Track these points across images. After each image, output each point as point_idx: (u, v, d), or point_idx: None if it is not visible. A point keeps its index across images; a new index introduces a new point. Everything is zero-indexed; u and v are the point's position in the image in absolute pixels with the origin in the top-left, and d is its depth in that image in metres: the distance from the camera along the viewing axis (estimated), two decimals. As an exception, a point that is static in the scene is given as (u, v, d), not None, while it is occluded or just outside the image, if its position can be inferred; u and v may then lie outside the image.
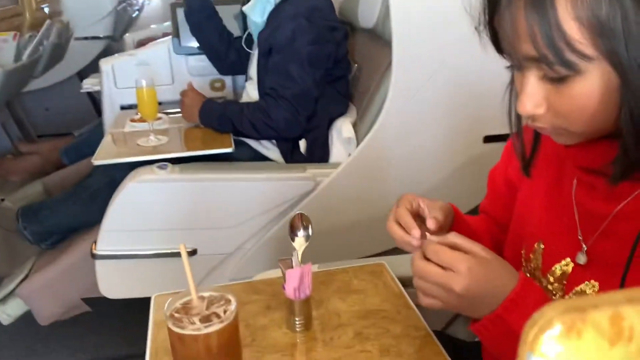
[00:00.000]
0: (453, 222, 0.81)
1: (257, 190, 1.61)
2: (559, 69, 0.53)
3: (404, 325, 0.86)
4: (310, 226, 0.86)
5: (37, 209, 1.81)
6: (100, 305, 1.74)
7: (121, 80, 2.01)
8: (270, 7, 1.74)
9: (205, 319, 0.68)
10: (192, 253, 1.62)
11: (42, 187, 2.18)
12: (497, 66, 0.64)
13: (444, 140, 1.63)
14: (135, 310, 1.58)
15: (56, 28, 2.52)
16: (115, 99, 2.03)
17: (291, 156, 1.72)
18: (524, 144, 0.70)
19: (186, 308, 0.71)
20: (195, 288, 0.72)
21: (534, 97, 0.57)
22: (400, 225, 0.75)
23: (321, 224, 1.68)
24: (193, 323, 0.67)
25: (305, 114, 1.65)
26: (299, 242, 0.86)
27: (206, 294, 0.73)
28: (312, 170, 1.64)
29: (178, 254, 1.68)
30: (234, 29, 2.02)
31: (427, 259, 0.64)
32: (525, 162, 0.71)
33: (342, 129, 1.71)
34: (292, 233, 0.86)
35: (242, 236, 1.64)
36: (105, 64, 2.02)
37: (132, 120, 1.81)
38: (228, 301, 0.71)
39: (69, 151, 2.29)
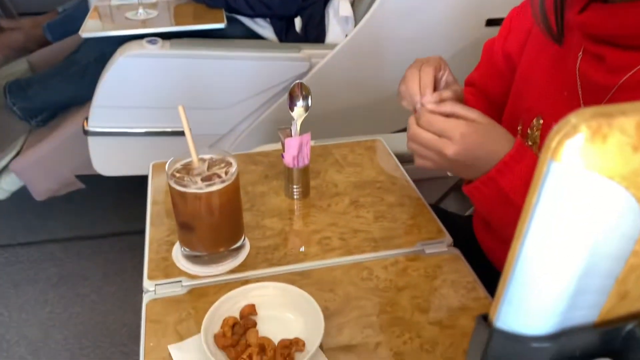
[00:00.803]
0: None
1: (250, 70, 1.57)
2: None
3: (399, 195, 0.88)
4: (310, 96, 0.85)
5: (25, 84, 1.76)
6: (95, 183, 1.76)
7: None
8: None
9: (207, 179, 0.69)
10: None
11: (27, 65, 2.11)
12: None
13: (445, 22, 1.58)
14: (130, 189, 1.61)
15: None
16: (100, -30, 1.91)
17: (286, 35, 1.66)
18: (547, 10, 0.67)
19: (187, 168, 0.72)
20: (195, 150, 0.72)
21: None
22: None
23: (316, 107, 1.67)
24: (195, 182, 0.68)
25: None
26: (298, 112, 0.85)
27: (207, 157, 0.74)
28: (307, 51, 1.59)
29: (171, 133, 1.68)
30: None
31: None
32: (550, 28, 0.68)
33: (340, 7, 1.64)
34: (292, 103, 0.85)
35: (236, 117, 1.63)
36: None
37: (120, -8, 1.72)
38: (229, 163, 0.72)
39: (53, 27, 2.19)
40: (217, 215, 0.70)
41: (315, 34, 1.66)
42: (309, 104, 0.85)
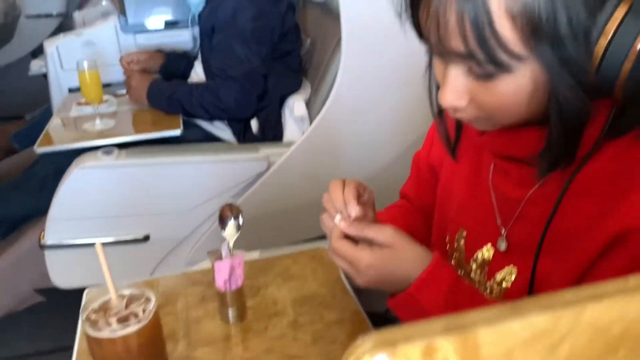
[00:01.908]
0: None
1: (209, 173, 1.58)
2: (487, 67, 0.51)
3: (339, 310, 0.85)
4: (240, 215, 0.84)
5: (-14, 197, 1.75)
6: (55, 295, 1.71)
7: (67, 61, 1.93)
8: (207, -15, 1.69)
9: (124, 319, 0.66)
10: (145, 239, 1.59)
11: (-8, 175, 2.11)
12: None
13: (397, 117, 1.61)
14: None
15: (0, 7, 2.41)
16: (63, 81, 1.96)
17: (244, 136, 1.69)
18: (448, 128, 0.69)
19: (105, 308, 0.69)
20: (114, 287, 0.70)
21: (457, 90, 0.55)
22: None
23: (276, 204, 1.67)
24: (109, 325, 0.65)
25: (256, 93, 1.61)
26: (229, 232, 0.84)
27: (127, 292, 0.71)
28: (265, 150, 1.61)
29: (130, 241, 1.66)
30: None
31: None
32: (451, 146, 0.70)
33: (295, 107, 1.68)
34: (222, 223, 0.84)
35: (196, 220, 1.62)
36: (49, 46, 1.94)
37: (79, 104, 1.75)
38: (148, 299, 0.69)
39: (20, 136, 2.21)
40: (136, 356, 0.66)
41: (272, 133, 1.69)
42: (240, 224, 0.84)
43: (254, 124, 1.67)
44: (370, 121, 1.61)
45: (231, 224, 0.84)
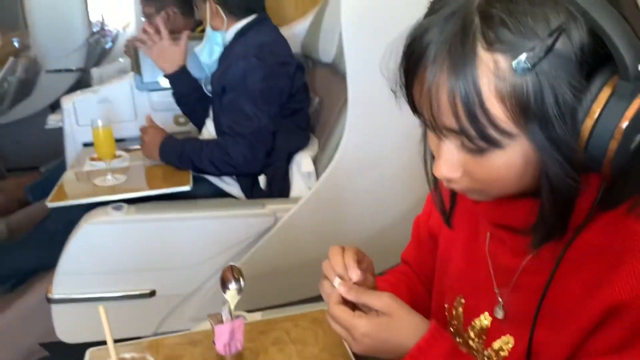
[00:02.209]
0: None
1: (216, 229, 1.60)
2: (479, 143, 0.52)
3: (339, 377, 0.84)
4: (242, 278, 0.85)
5: (-4, 251, 1.78)
6: (60, 349, 1.71)
7: (83, 117, 2.00)
8: (218, 48, 1.75)
9: (122, 385, 0.67)
10: (151, 294, 1.60)
11: (5, 227, 2.15)
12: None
13: (402, 175, 1.63)
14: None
15: (22, 64, 2.52)
16: (78, 136, 2.02)
17: (252, 191, 1.72)
18: (443, 197, 0.70)
19: (104, 373, 0.70)
20: (115, 351, 0.70)
21: (451, 163, 0.57)
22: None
23: (282, 261, 1.68)
24: (108, 391, 0.66)
25: (264, 150, 1.65)
26: (231, 295, 0.84)
27: (128, 356, 0.72)
28: (272, 206, 1.63)
29: (137, 296, 1.67)
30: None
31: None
32: (445, 215, 0.71)
33: (302, 163, 1.71)
34: (223, 286, 0.85)
35: (202, 275, 1.62)
36: (66, 102, 2.01)
37: (92, 159, 1.79)
38: (147, 365, 0.70)
39: (34, 189, 2.27)
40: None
41: (279, 188, 1.71)
42: (242, 286, 0.85)
43: (262, 179, 1.70)
44: (376, 179, 1.63)
45: (232, 287, 0.85)
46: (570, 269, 0.57)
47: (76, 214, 1.59)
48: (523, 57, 0.47)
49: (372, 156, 1.63)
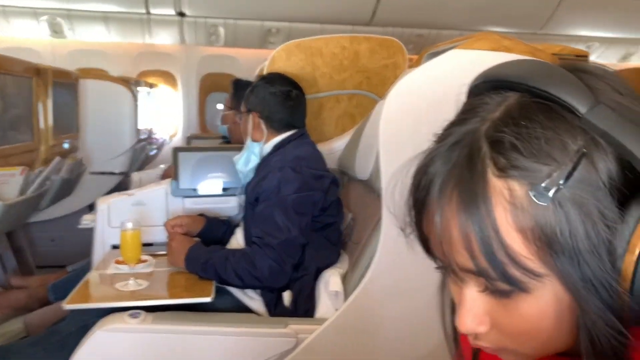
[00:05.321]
0: None
1: (234, 345, 1.50)
2: (502, 286, 0.44)
3: None
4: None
5: (6, 351, 1.70)
6: None
7: (115, 219, 1.99)
8: (255, 158, 1.77)
9: None
10: (159, 412, 1.47)
11: (23, 325, 2.09)
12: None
13: (434, 305, 1.52)
14: None
15: (67, 164, 2.60)
16: (108, 238, 2.01)
17: (275, 308, 1.63)
18: (464, 356, 0.61)
19: None
20: None
21: (475, 313, 0.47)
22: None
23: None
24: None
25: (292, 262, 1.59)
26: None
27: None
28: (294, 326, 1.53)
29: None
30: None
31: None
32: None
33: (330, 281, 1.63)
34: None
35: (214, 396, 1.50)
36: (101, 203, 2.02)
37: (117, 262, 1.76)
38: None
39: (57, 288, 2.23)
40: None
41: (305, 307, 1.62)
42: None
43: (287, 295, 1.62)
44: (407, 306, 1.53)
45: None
46: None
47: (91, 318, 1.53)
48: (542, 182, 0.41)
49: (405, 280, 1.54)
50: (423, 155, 0.49)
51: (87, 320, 1.56)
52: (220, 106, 4.86)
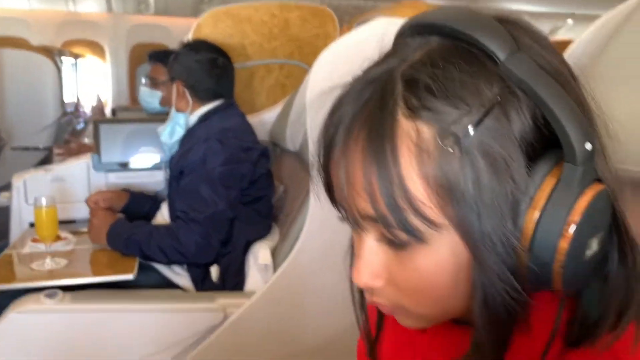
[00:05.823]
0: None
1: (159, 323, 1.45)
2: (399, 234, 0.42)
3: None
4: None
5: None
6: None
7: (32, 196, 1.89)
8: (180, 130, 1.70)
9: None
10: (82, 395, 1.42)
11: None
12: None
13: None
14: None
15: (-18, 139, 2.43)
16: (25, 216, 1.90)
17: (202, 283, 1.59)
18: (369, 322, 0.60)
19: None
20: None
21: (372, 265, 0.45)
22: None
23: (229, 362, 1.52)
24: None
25: (219, 237, 1.55)
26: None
27: None
28: (222, 301, 1.50)
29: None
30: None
31: None
32: (370, 344, 0.60)
33: (259, 255, 1.60)
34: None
35: (140, 375, 1.46)
36: (17, 179, 1.90)
37: (34, 240, 1.66)
38: None
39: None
40: None
41: (233, 282, 1.59)
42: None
43: (214, 270, 1.58)
44: (337, 276, 1.52)
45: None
46: None
47: (4, 299, 1.44)
48: (449, 126, 0.39)
49: (334, 250, 1.52)
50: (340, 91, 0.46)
51: (1, 302, 1.48)
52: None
